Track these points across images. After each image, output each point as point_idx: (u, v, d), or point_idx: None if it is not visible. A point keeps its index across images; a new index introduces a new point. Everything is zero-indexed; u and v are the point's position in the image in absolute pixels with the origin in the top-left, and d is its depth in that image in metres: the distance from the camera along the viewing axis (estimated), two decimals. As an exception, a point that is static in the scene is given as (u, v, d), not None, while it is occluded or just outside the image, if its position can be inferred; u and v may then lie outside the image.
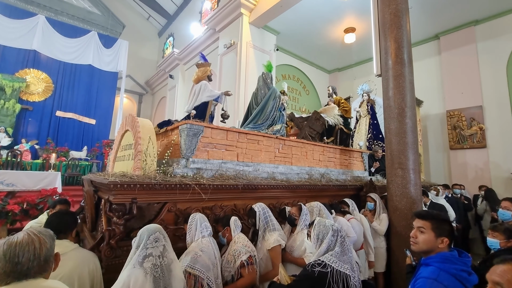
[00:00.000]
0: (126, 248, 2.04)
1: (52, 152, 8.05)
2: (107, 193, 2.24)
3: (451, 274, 1.34)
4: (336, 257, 1.57)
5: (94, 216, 2.76)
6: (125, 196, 2.12)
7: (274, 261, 2.24)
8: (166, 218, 2.38)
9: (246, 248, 2.10)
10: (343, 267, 1.53)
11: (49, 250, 1.10)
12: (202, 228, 2.08)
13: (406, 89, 3.55)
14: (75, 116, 9.69)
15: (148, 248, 1.48)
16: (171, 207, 2.41)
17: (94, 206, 2.79)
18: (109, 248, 2.04)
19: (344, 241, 1.64)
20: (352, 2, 6.31)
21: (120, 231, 2.08)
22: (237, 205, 2.87)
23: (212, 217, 2.62)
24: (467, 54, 6.93)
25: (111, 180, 2.06)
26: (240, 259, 2.02)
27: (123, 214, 2.11)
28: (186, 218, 2.21)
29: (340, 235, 1.64)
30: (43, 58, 9.24)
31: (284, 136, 3.81)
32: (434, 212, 1.62)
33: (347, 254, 1.60)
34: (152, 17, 13.58)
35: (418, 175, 3.46)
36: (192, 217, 2.12)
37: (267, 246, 2.29)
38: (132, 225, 2.21)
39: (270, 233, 2.37)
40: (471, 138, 6.65)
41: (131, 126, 2.75)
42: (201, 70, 3.90)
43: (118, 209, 2.10)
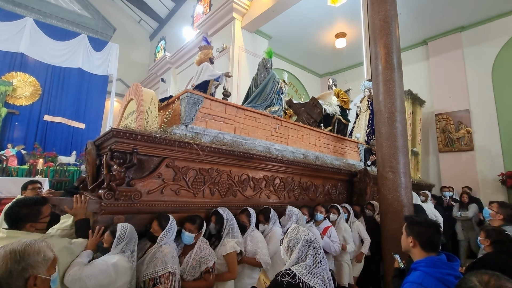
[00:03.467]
0: (125, 193, 2.15)
1: (39, 157, 7.83)
2: (109, 144, 2.31)
3: (437, 279, 1.36)
4: (306, 269, 1.46)
5: (95, 176, 2.78)
6: (127, 144, 2.20)
7: (230, 265, 2.34)
8: (164, 173, 2.45)
9: (212, 255, 2.22)
10: (313, 280, 1.43)
11: (4, 273, 0.95)
12: (173, 232, 2.14)
13: (396, 94, 3.60)
14: (64, 120, 9.47)
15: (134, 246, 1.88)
16: (169, 163, 2.48)
17: (96, 168, 2.81)
18: (109, 190, 2.10)
19: (317, 253, 1.52)
20: (342, 8, 6.41)
21: (120, 177, 2.14)
22: (232, 171, 2.96)
23: (209, 179, 2.74)
24: (454, 59, 7.12)
25: (114, 127, 2.17)
26: (206, 265, 2.13)
27: (123, 162, 2.17)
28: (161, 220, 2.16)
29: (313, 246, 1.53)
30: (30, 61, 9.03)
31: (281, 117, 3.92)
32: (410, 214, 1.68)
33: (319, 267, 1.49)
34: (144, 21, 13.49)
35: (408, 179, 3.50)
36: (172, 221, 2.13)
37: (224, 251, 2.36)
38: (132, 176, 2.29)
39: (228, 240, 2.42)
40: (459, 141, 6.81)
41: (134, 93, 2.85)
42: (203, 52, 4.00)
43: (119, 156, 2.17)
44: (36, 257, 1.03)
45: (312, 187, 3.89)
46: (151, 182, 2.37)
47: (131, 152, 2.21)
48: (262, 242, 2.58)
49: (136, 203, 2.22)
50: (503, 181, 5.93)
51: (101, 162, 2.71)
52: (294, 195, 3.64)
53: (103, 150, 2.64)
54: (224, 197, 2.87)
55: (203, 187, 2.71)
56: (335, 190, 4.27)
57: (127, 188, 2.19)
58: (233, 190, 2.96)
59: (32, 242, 1.06)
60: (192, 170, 2.63)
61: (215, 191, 2.81)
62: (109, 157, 2.20)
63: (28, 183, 3.09)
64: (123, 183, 2.18)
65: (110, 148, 2.22)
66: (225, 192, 2.89)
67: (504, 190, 6.00)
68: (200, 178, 2.69)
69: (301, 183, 3.73)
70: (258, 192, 3.20)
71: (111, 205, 2.08)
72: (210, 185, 2.75)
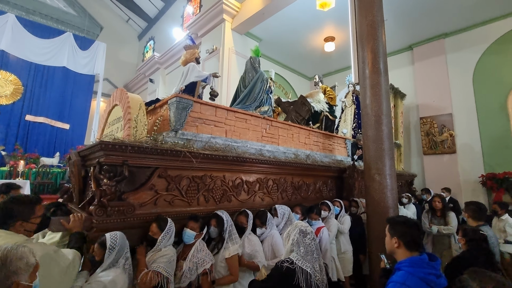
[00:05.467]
0: (117, 208, 2.05)
1: (20, 158, 7.54)
2: (97, 156, 2.20)
3: (419, 278, 1.41)
4: (300, 256, 1.73)
5: (81, 188, 2.67)
6: (117, 157, 2.10)
7: (232, 268, 2.35)
8: (157, 184, 2.37)
9: (210, 257, 2.22)
10: (305, 265, 1.69)
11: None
12: (172, 235, 2.11)
13: (382, 97, 3.68)
14: (47, 121, 9.17)
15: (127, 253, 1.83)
16: (162, 173, 2.40)
17: (82, 179, 2.70)
18: (100, 206, 1.99)
19: (310, 243, 1.76)
20: (331, 13, 6.52)
21: (111, 191, 2.04)
22: (226, 177, 2.93)
23: (202, 186, 2.69)
24: (437, 65, 7.37)
25: (103, 139, 2.06)
26: (203, 267, 2.12)
27: (114, 176, 2.08)
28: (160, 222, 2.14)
29: (307, 237, 1.77)
30: (12, 59, 8.71)
31: (271, 117, 3.92)
32: (392, 215, 1.74)
33: (312, 255, 1.74)
34: (132, 20, 13.27)
35: (394, 180, 3.57)
36: (170, 223, 2.12)
37: (226, 254, 2.36)
38: (123, 189, 2.18)
39: (232, 243, 2.43)
40: (443, 144, 7.03)
41: (119, 99, 2.74)
42: (189, 52, 3.88)
43: (109, 170, 2.07)
44: (19, 264, 0.98)
45: (304, 186, 3.93)
46: (144, 194, 2.28)
47: (121, 164, 2.11)
48: (259, 246, 2.58)
49: (130, 217, 2.12)
50: (483, 182, 6.17)
51: (88, 173, 2.63)
52: (287, 195, 3.66)
53: (90, 162, 2.54)
54: (219, 203, 2.83)
55: (198, 194, 2.66)
56: (325, 187, 4.34)
57: (119, 203, 2.09)
58: (227, 196, 2.93)
59: (14, 247, 1.02)
60: (185, 178, 2.57)
61: (209, 198, 2.76)
62: (97, 171, 2.10)
63: (10, 187, 2.98)
64: (115, 197, 2.08)
65: (99, 162, 2.12)
66: (220, 198, 2.85)
67: (484, 191, 6.23)
68: (194, 186, 2.64)
69: (293, 182, 3.76)
70: (252, 195, 3.19)
71: (103, 221, 1.98)
72: (204, 192, 2.70)
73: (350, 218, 3.82)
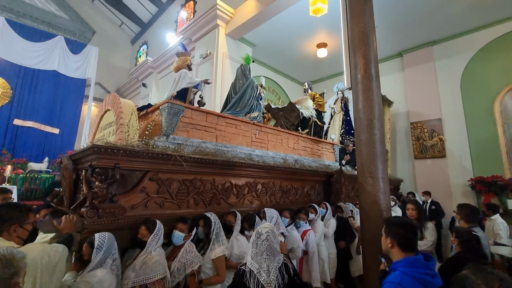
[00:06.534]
0: (108, 210, 2.07)
1: (7, 163, 7.34)
2: (90, 160, 2.23)
3: (414, 278, 1.41)
4: (251, 257, 1.77)
5: (72, 191, 2.67)
6: (108, 160, 2.12)
7: (218, 269, 2.39)
8: (148, 187, 2.40)
9: (198, 258, 2.26)
10: (253, 265, 1.71)
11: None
12: (161, 236, 2.13)
13: (374, 102, 3.74)
14: (36, 125, 8.97)
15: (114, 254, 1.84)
16: (153, 176, 2.43)
17: (73, 182, 2.70)
18: (92, 208, 2.01)
19: (261, 244, 1.76)
20: (323, 19, 6.64)
21: (103, 194, 2.07)
22: (216, 180, 2.96)
23: (193, 189, 2.72)
24: (426, 71, 7.56)
25: (95, 143, 2.10)
26: (191, 268, 2.16)
27: (105, 178, 2.11)
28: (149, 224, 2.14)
29: (260, 238, 1.78)
30: (0, 62, 8.54)
31: (260, 123, 4.00)
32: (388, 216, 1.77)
33: (261, 255, 1.73)
34: (125, 24, 13.22)
35: (387, 184, 3.61)
36: (159, 225, 2.13)
37: (213, 255, 2.39)
38: (115, 191, 2.21)
39: (218, 244, 2.46)
40: (433, 149, 7.17)
41: (111, 104, 2.78)
42: (181, 59, 3.96)
43: (101, 172, 2.09)
44: (20, 264, 0.98)
45: (292, 190, 3.97)
46: (134, 197, 2.32)
47: (113, 167, 2.15)
48: (248, 247, 2.59)
49: (120, 219, 2.16)
50: (472, 186, 6.29)
51: (79, 176, 2.64)
52: (276, 198, 3.69)
53: (81, 165, 2.56)
54: (208, 206, 2.86)
55: (188, 197, 2.69)
56: (313, 191, 4.39)
57: (111, 205, 2.13)
58: (217, 199, 2.96)
59: (11, 248, 1.01)
60: (175, 181, 2.61)
61: (199, 200, 2.79)
62: (89, 174, 2.14)
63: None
64: (106, 199, 2.11)
65: (91, 165, 2.16)
66: (209, 201, 2.88)
67: (474, 195, 6.35)
68: (184, 189, 2.67)
69: (282, 186, 3.80)
70: (241, 199, 3.21)
71: (94, 223, 2.01)
72: (194, 195, 2.74)
73: (335, 222, 3.87)
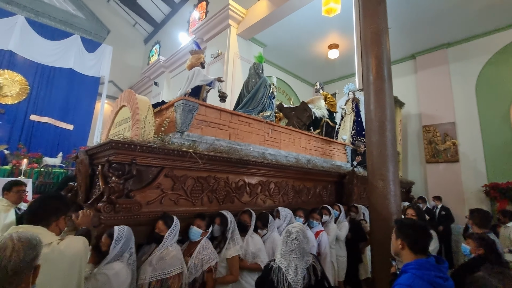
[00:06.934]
0: (124, 205, 2.09)
1: (23, 158, 7.57)
2: (107, 155, 2.26)
3: (425, 280, 1.39)
4: (280, 254, 1.80)
5: (88, 186, 2.69)
6: (125, 156, 2.15)
7: (232, 268, 2.39)
8: (163, 183, 2.42)
9: (214, 255, 2.27)
10: (282, 263, 1.75)
11: (21, 261, 0.93)
12: (177, 232, 2.14)
13: (386, 103, 3.71)
14: (51, 121, 9.23)
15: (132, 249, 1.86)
16: (168, 173, 2.45)
17: (89, 177, 2.73)
18: (108, 203, 2.04)
19: (291, 242, 1.78)
20: (335, 20, 6.61)
21: (119, 189, 2.09)
22: (229, 178, 2.97)
23: (207, 187, 2.73)
24: (440, 74, 7.41)
25: (113, 138, 2.13)
26: (209, 264, 2.17)
27: (122, 174, 2.13)
28: (166, 219, 2.16)
29: (291, 237, 1.80)
30: (19, 59, 8.83)
31: (273, 122, 3.99)
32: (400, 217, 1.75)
33: (290, 254, 1.76)
34: (139, 24, 13.47)
35: (397, 186, 3.57)
36: (176, 221, 2.14)
37: (228, 255, 2.39)
38: (131, 187, 2.23)
39: (233, 243, 2.46)
40: (445, 153, 7.02)
41: (127, 100, 2.80)
42: (194, 57, 3.95)
43: (118, 168, 2.12)
44: (40, 248, 1.01)
45: (305, 190, 3.95)
46: (150, 193, 2.34)
47: (129, 163, 2.17)
48: (262, 246, 2.62)
49: (136, 214, 2.17)
50: (487, 192, 6.12)
51: (94, 171, 2.68)
52: (288, 198, 3.69)
53: (97, 160, 2.59)
54: (222, 204, 2.87)
55: (202, 195, 2.70)
56: (325, 192, 4.36)
57: (127, 200, 2.15)
58: (230, 197, 2.97)
59: (31, 233, 1.05)
60: (190, 178, 2.62)
61: (213, 198, 2.81)
62: (106, 169, 2.16)
63: (13, 184, 2.97)
64: (122, 195, 2.14)
65: (108, 160, 2.18)
66: (223, 199, 2.89)
67: (488, 201, 6.19)
68: (198, 186, 2.69)
69: (295, 186, 3.79)
70: (254, 198, 3.22)
71: (110, 218, 2.03)
72: (208, 192, 2.75)
73: (348, 225, 3.83)
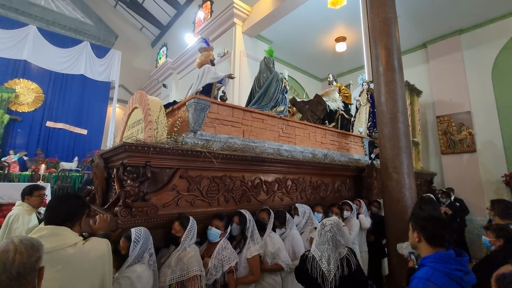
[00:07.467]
0: (141, 209, 2.09)
1: (41, 163, 7.84)
2: (121, 158, 2.27)
3: (445, 274, 1.34)
4: (315, 245, 1.95)
5: (104, 189, 2.72)
6: (139, 158, 2.14)
7: (253, 268, 2.36)
8: (178, 184, 2.40)
9: (234, 255, 2.23)
10: (315, 253, 1.89)
11: (25, 263, 0.91)
12: (195, 232, 2.13)
13: (398, 94, 3.62)
14: (66, 127, 9.52)
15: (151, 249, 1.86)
16: (183, 174, 2.43)
17: (105, 180, 2.76)
18: (125, 207, 2.04)
19: (324, 234, 1.91)
20: (342, 12, 6.48)
21: (135, 192, 2.09)
22: (245, 177, 2.93)
23: (222, 187, 2.70)
24: (453, 62, 7.16)
25: (126, 141, 2.12)
26: (229, 265, 2.14)
27: (137, 177, 2.12)
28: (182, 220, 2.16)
29: (325, 229, 1.93)
30: (33, 68, 9.13)
31: (287, 117, 3.90)
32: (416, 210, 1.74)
33: (323, 244, 1.89)
34: (146, 28, 13.65)
35: (412, 179, 3.49)
36: (193, 221, 2.12)
37: (248, 254, 2.35)
38: (146, 190, 2.23)
39: (253, 243, 2.42)
40: (461, 143, 6.79)
41: (139, 102, 2.80)
42: (204, 54, 3.90)
43: (132, 171, 2.12)
44: (42, 250, 1.00)
45: (323, 185, 3.89)
46: (166, 195, 2.31)
47: (144, 165, 2.14)
48: (282, 245, 2.56)
49: (153, 218, 2.14)
50: (507, 182, 5.90)
51: (110, 175, 2.69)
52: (306, 195, 3.63)
53: (112, 164, 2.59)
54: (238, 204, 2.83)
55: (218, 195, 2.66)
56: (344, 187, 4.27)
57: (143, 204, 2.13)
58: (247, 196, 2.92)
59: (32, 236, 1.04)
60: (205, 178, 2.58)
61: (229, 198, 2.76)
62: (121, 172, 2.15)
63: (33, 188, 3.01)
64: (138, 198, 2.12)
65: (122, 163, 2.17)
66: (240, 198, 2.85)
67: (508, 191, 5.96)
68: (214, 186, 2.65)
69: (312, 182, 3.73)
70: (271, 196, 3.17)
71: (128, 222, 2.01)
72: (224, 192, 2.71)
73: (370, 220, 3.74)
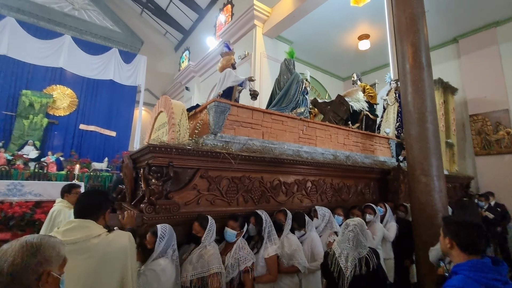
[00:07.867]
0: (164, 206, 2.23)
1: (75, 163, 8.38)
2: (146, 158, 2.46)
3: (480, 283, 1.25)
4: (337, 242, 2.03)
5: (133, 188, 2.92)
6: (163, 159, 2.29)
7: (270, 268, 2.38)
8: (199, 184, 2.52)
9: (251, 255, 2.27)
10: (336, 249, 1.97)
11: (17, 266, 0.87)
12: (214, 232, 2.19)
13: (426, 93, 3.45)
14: (97, 129, 10.10)
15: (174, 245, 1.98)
16: (203, 174, 2.54)
17: (133, 179, 2.94)
18: (150, 204, 2.19)
19: (347, 233, 1.95)
20: (365, 10, 6.30)
21: (159, 190, 2.23)
22: (264, 178, 2.97)
23: (241, 187, 2.78)
24: (488, 57, 6.68)
25: (151, 143, 2.30)
26: (245, 265, 2.18)
27: (161, 176, 2.28)
28: (201, 220, 2.23)
29: (348, 229, 1.97)
30: (68, 74, 9.79)
31: (308, 119, 3.87)
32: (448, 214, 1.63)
33: (344, 243, 1.94)
34: (169, 33, 14.14)
35: (442, 182, 3.31)
36: (211, 221, 2.19)
37: (265, 254, 2.37)
38: (169, 188, 2.38)
39: (271, 243, 2.43)
40: (498, 144, 6.32)
41: (164, 106, 2.97)
42: (225, 58, 3.97)
43: (157, 170, 2.27)
44: (51, 252, 0.96)
45: (345, 188, 3.80)
46: (187, 194, 2.44)
47: (167, 165, 2.29)
48: (299, 246, 2.54)
49: (175, 215, 2.28)
50: (552, 186, 5.40)
51: (138, 174, 2.86)
52: (327, 197, 3.58)
53: (140, 164, 2.77)
54: (257, 204, 2.87)
55: (237, 195, 2.74)
56: (368, 190, 4.14)
57: (166, 201, 2.26)
58: (266, 197, 2.96)
59: (47, 236, 1.01)
60: (225, 179, 2.68)
61: (248, 198, 2.82)
62: (147, 172, 2.31)
63: (72, 186, 3.22)
64: (162, 196, 2.26)
65: (148, 163, 2.33)
66: (258, 199, 2.90)
67: (553, 196, 5.45)
68: (233, 186, 2.73)
69: (333, 184, 3.67)
70: (290, 197, 3.18)
71: (152, 218, 2.16)
72: (243, 193, 2.78)
73: (396, 226, 3.57)
